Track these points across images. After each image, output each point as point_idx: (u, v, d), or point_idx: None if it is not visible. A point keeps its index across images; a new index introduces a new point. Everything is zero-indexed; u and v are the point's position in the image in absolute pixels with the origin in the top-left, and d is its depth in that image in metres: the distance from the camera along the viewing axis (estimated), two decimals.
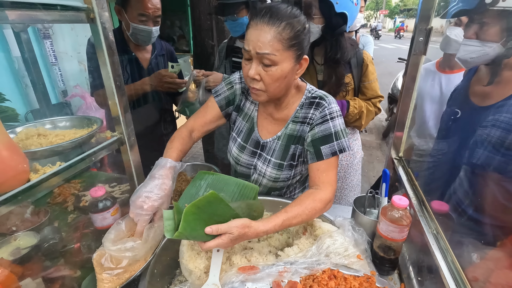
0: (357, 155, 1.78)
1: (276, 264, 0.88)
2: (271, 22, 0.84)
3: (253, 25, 0.87)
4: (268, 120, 1.11)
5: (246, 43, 0.89)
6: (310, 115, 1.02)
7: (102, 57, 0.81)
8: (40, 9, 0.67)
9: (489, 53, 0.95)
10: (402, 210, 0.83)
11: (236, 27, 1.70)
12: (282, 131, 1.07)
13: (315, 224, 1.03)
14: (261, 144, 1.11)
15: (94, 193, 0.91)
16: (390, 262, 0.90)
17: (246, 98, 1.15)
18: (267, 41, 0.84)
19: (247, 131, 1.14)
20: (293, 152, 1.06)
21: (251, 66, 0.89)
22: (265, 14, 0.84)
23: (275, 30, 0.83)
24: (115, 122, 0.90)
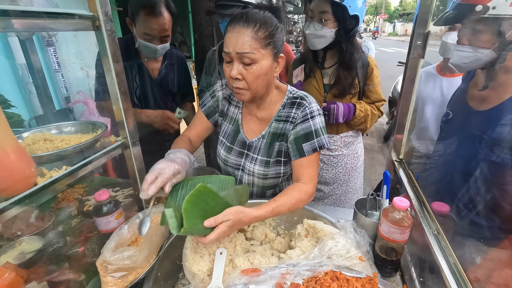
0: (360, 158, 1.79)
1: (278, 267, 0.88)
2: (247, 24, 0.91)
3: (231, 29, 0.93)
4: (252, 121, 1.16)
5: (226, 46, 0.94)
6: (292, 114, 1.08)
7: (107, 63, 0.83)
8: (47, 17, 0.69)
9: (482, 58, 0.97)
10: (403, 212, 0.84)
11: None
12: (266, 130, 1.12)
13: (317, 226, 1.03)
14: (247, 144, 1.16)
15: (98, 197, 0.92)
16: (392, 264, 0.91)
17: (229, 103, 1.21)
18: (245, 41, 0.90)
19: (232, 133, 1.19)
20: (279, 149, 1.12)
21: (233, 67, 0.95)
22: (240, 18, 0.92)
23: (251, 31, 0.90)
24: (119, 127, 0.91)
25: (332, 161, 1.72)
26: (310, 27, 1.46)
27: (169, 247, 0.99)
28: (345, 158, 1.72)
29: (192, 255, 0.90)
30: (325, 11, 1.42)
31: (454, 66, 1.05)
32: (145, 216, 0.85)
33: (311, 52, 1.63)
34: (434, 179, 1.29)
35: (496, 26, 0.92)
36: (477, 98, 1.11)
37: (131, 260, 0.82)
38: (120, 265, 0.81)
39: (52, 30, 1.04)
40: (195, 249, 0.92)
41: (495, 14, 0.90)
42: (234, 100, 1.21)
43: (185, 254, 0.91)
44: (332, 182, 1.78)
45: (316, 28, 1.45)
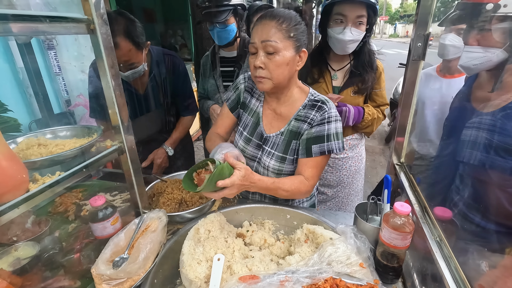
0: (363, 160, 1.81)
1: (277, 273, 0.86)
2: (271, 17, 0.99)
3: (257, 23, 1.02)
4: (272, 116, 1.19)
5: (252, 38, 1.02)
6: (311, 116, 1.11)
7: (102, 67, 0.82)
8: (41, 21, 0.68)
9: (492, 59, 0.95)
10: (405, 217, 0.82)
11: (225, 34, 1.72)
12: (285, 127, 1.15)
13: (316, 231, 1.01)
14: (264, 137, 1.19)
15: (94, 202, 0.90)
16: (393, 270, 0.88)
17: (251, 95, 1.25)
18: (269, 31, 0.98)
19: (253, 125, 1.22)
20: (295, 147, 1.15)
21: (257, 57, 1.01)
22: (266, 14, 1.02)
23: (276, 23, 0.98)
24: (115, 131, 0.90)
25: (337, 164, 1.72)
26: (346, 33, 1.43)
27: (167, 252, 0.97)
28: (349, 161, 1.72)
29: (189, 261, 0.88)
30: (362, 15, 1.42)
31: (463, 69, 1.03)
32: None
33: (321, 55, 1.62)
34: (436, 182, 1.26)
35: (508, 25, 0.90)
36: (482, 100, 1.09)
37: (124, 272, 0.80)
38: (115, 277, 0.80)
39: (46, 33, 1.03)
40: (192, 255, 0.90)
41: (507, 12, 0.88)
42: (256, 93, 1.24)
43: (182, 260, 0.90)
44: (336, 185, 1.77)
45: (353, 34, 1.43)
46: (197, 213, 1.14)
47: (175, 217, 1.10)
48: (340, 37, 1.45)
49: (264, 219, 1.20)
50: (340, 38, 1.45)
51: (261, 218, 1.21)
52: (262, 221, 1.20)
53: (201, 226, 1.00)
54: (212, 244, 0.95)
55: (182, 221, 1.14)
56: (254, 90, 1.24)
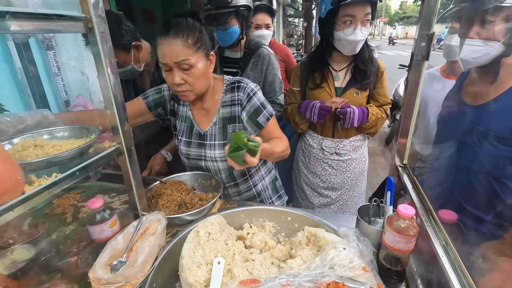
0: (366, 162, 1.80)
1: (278, 277, 0.85)
2: (176, 35, 1.01)
3: (162, 42, 1.03)
4: (201, 113, 1.27)
5: (162, 58, 1.04)
6: (236, 97, 1.20)
7: (101, 66, 0.80)
8: (38, 19, 0.66)
9: (491, 52, 0.96)
10: (409, 220, 0.80)
11: (226, 36, 1.70)
12: (216, 117, 1.24)
13: (318, 234, 1.00)
14: (202, 134, 1.26)
15: (91, 205, 0.89)
16: (397, 274, 0.87)
17: (177, 103, 1.31)
18: (179, 50, 1.01)
19: (187, 129, 1.29)
20: (233, 131, 1.21)
21: (174, 75, 1.05)
22: (167, 31, 1.01)
23: (181, 40, 1.01)
24: (113, 132, 0.88)
25: (341, 166, 1.70)
26: (357, 33, 1.41)
27: (166, 255, 0.95)
28: (353, 163, 1.71)
29: (188, 264, 0.87)
30: (369, 13, 1.42)
31: (462, 62, 1.04)
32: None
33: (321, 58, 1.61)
34: (437, 182, 1.26)
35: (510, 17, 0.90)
36: (472, 94, 1.11)
37: (123, 277, 0.78)
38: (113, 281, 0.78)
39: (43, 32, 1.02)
40: (191, 259, 0.88)
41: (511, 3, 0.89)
42: (181, 100, 1.29)
43: (182, 264, 0.88)
44: (340, 188, 1.76)
45: (364, 33, 1.42)
46: (197, 215, 1.12)
47: (174, 219, 1.08)
48: (352, 38, 1.42)
49: (265, 221, 1.19)
50: (351, 39, 1.43)
51: (261, 220, 1.19)
52: (262, 223, 1.18)
53: (201, 228, 0.98)
54: (212, 247, 0.94)
55: (181, 223, 1.12)
56: (179, 97, 1.28)
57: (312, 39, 10.03)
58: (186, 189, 1.25)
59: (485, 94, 1.05)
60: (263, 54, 1.77)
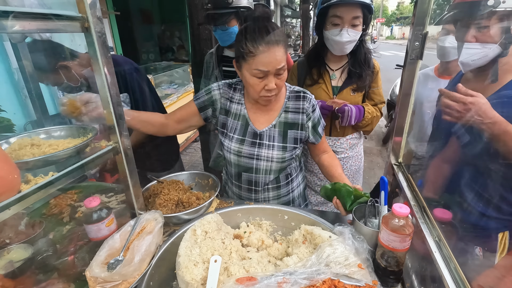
0: (362, 160, 1.84)
1: (275, 275, 0.85)
2: (277, 42, 1.03)
3: (265, 50, 1.02)
4: (259, 113, 1.26)
5: (263, 66, 1.03)
6: (301, 106, 1.24)
7: (97, 66, 0.81)
8: (34, 18, 0.66)
9: (488, 54, 0.98)
10: (403, 219, 0.81)
11: (226, 36, 1.71)
12: (276, 120, 1.25)
13: (314, 232, 1.00)
14: (258, 133, 1.25)
15: (88, 204, 0.89)
16: (394, 274, 0.87)
17: (230, 101, 1.29)
18: (281, 57, 1.04)
19: (241, 127, 1.27)
20: (294, 137, 1.25)
21: (269, 80, 1.07)
22: (270, 39, 1.02)
23: (282, 47, 1.04)
24: (110, 131, 0.89)
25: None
26: (343, 34, 1.45)
27: (163, 254, 0.96)
28: (350, 160, 1.74)
29: (185, 263, 0.87)
30: (357, 16, 1.44)
31: (462, 65, 1.06)
32: None
33: (318, 56, 1.63)
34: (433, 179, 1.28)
35: (504, 20, 0.92)
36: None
37: (119, 275, 0.79)
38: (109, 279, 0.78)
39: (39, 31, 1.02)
40: (188, 257, 0.89)
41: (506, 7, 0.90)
42: (235, 98, 1.29)
43: (178, 262, 0.88)
44: None
45: (350, 35, 1.45)
46: (194, 214, 1.12)
47: (171, 218, 1.09)
48: (338, 38, 1.46)
49: (262, 220, 1.19)
50: (337, 40, 1.46)
51: (258, 219, 1.19)
52: (259, 222, 1.19)
53: (198, 227, 0.98)
54: (209, 245, 0.94)
55: (179, 222, 1.12)
56: (232, 95, 1.29)
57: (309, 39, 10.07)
58: (183, 188, 1.25)
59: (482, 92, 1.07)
60: None
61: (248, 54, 1.04)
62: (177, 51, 7.29)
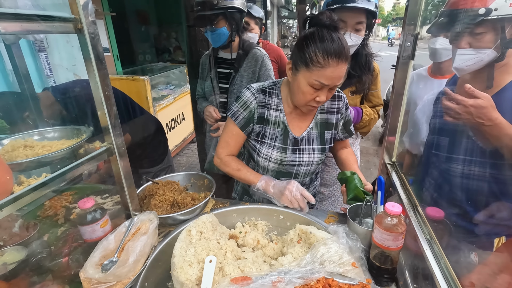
0: (357, 159, 1.82)
1: (269, 274, 0.85)
2: (346, 59, 0.99)
3: (334, 64, 0.98)
4: (297, 118, 1.24)
5: (326, 80, 1.00)
6: (336, 105, 1.25)
7: (91, 67, 0.81)
8: (27, 20, 0.67)
9: (484, 59, 0.98)
10: (396, 217, 0.82)
11: (216, 37, 1.71)
12: (313, 123, 1.24)
13: (309, 231, 1.01)
14: (298, 140, 1.24)
15: (82, 205, 0.89)
16: (388, 273, 0.88)
17: (267, 109, 1.22)
18: (343, 74, 1.02)
19: (282, 134, 1.23)
20: (330, 137, 1.28)
21: (323, 93, 1.05)
22: (341, 53, 0.98)
23: (347, 64, 1.02)
24: (104, 132, 0.89)
25: (334, 163, 1.75)
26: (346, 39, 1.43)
27: (158, 255, 0.96)
28: None
29: (180, 263, 0.87)
30: (361, 22, 1.45)
31: (457, 70, 1.07)
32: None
33: None
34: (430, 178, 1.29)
35: (498, 26, 0.93)
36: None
37: (114, 276, 0.79)
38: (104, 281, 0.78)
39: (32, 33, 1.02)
40: (183, 257, 0.89)
41: (498, 15, 0.91)
42: (273, 104, 1.22)
43: (173, 262, 0.88)
44: (332, 184, 1.80)
45: (353, 39, 1.46)
46: (189, 214, 1.12)
47: (167, 219, 1.09)
48: None
49: (257, 220, 1.20)
50: None
51: (254, 219, 1.20)
52: (255, 222, 1.19)
53: (193, 227, 0.98)
54: (204, 245, 0.94)
55: (174, 223, 1.13)
56: (268, 102, 1.21)
57: None
58: (178, 189, 1.25)
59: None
60: (257, 56, 1.79)
61: (314, 63, 0.99)
62: (173, 52, 7.28)
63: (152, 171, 2.01)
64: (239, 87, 1.81)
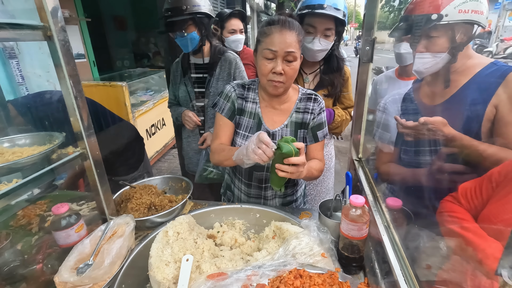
0: (333, 159, 1.91)
1: (244, 269, 0.89)
2: (291, 28, 1.09)
3: (277, 31, 1.09)
4: (272, 112, 1.29)
5: (272, 45, 1.09)
6: (311, 106, 1.27)
7: (62, 73, 0.82)
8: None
9: (439, 62, 1.08)
10: (360, 209, 0.88)
11: (186, 42, 1.75)
12: (288, 120, 1.28)
13: (283, 227, 1.06)
14: (271, 133, 1.27)
15: (56, 210, 0.89)
16: (355, 261, 0.94)
17: (244, 101, 1.31)
18: (292, 41, 1.08)
19: (255, 125, 1.29)
20: (303, 136, 1.30)
21: (277, 63, 1.10)
22: (285, 23, 1.09)
23: (295, 33, 1.09)
24: (77, 137, 0.90)
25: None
26: (315, 43, 1.55)
27: (136, 257, 0.97)
28: None
29: (157, 263, 0.89)
30: (330, 28, 1.54)
31: (417, 73, 1.16)
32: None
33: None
34: (395, 172, 1.38)
35: (449, 31, 1.03)
36: (429, 95, 1.22)
37: (89, 278, 0.80)
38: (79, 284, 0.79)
39: (0, 40, 1.01)
40: (160, 257, 0.91)
41: (448, 20, 1.00)
42: (250, 97, 1.31)
43: (150, 263, 0.90)
44: (308, 183, 1.84)
45: (322, 44, 1.55)
46: (167, 216, 1.14)
47: (144, 222, 1.10)
48: (310, 46, 1.56)
49: (235, 220, 1.23)
50: (309, 47, 1.57)
51: (231, 218, 1.23)
52: (232, 221, 1.23)
53: (170, 228, 1.01)
54: (181, 245, 0.97)
55: (152, 226, 1.14)
56: (246, 95, 1.31)
57: None
58: (156, 192, 1.27)
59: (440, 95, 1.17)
60: (230, 59, 1.84)
61: (262, 36, 1.12)
62: (153, 57, 7.21)
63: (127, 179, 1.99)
64: (215, 90, 1.85)
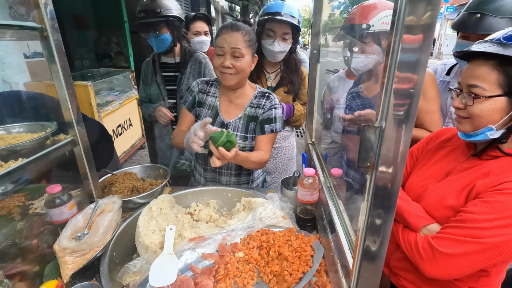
0: (294, 150, 2.16)
1: (220, 233, 1.08)
2: (237, 29, 1.30)
3: (225, 32, 1.30)
4: (228, 105, 1.46)
5: (221, 43, 1.29)
6: (263, 103, 1.44)
7: (55, 68, 0.94)
8: None
9: (370, 62, 1.35)
10: (311, 177, 1.11)
11: (159, 43, 1.90)
12: (242, 113, 1.44)
13: (251, 200, 1.26)
14: (225, 124, 1.44)
15: (50, 190, 1.00)
16: (310, 221, 1.17)
17: (206, 95, 1.49)
18: (237, 40, 1.28)
19: (212, 116, 1.46)
20: (253, 128, 1.45)
21: (225, 58, 1.29)
22: (233, 26, 1.31)
23: (241, 34, 1.29)
24: (68, 126, 1.02)
25: (274, 152, 2.04)
26: (275, 45, 1.80)
27: (122, 233, 1.10)
28: (283, 150, 2.06)
29: (144, 231, 1.04)
30: (287, 32, 1.80)
31: (354, 70, 1.43)
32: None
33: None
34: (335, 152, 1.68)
35: (376, 38, 1.31)
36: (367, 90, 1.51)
37: (86, 244, 0.93)
38: (78, 249, 0.91)
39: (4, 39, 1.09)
40: (147, 227, 1.06)
41: (374, 29, 1.28)
42: (211, 92, 1.49)
43: (138, 232, 1.05)
44: (273, 172, 2.07)
45: (281, 46, 1.81)
46: (149, 197, 1.28)
47: (127, 203, 1.23)
48: (270, 48, 1.81)
49: (209, 200, 1.40)
50: (270, 49, 1.82)
51: (206, 199, 1.40)
52: (207, 201, 1.40)
53: (153, 205, 1.15)
54: (164, 218, 1.12)
55: (135, 207, 1.27)
56: (208, 90, 1.50)
57: None
58: (136, 178, 1.40)
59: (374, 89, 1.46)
60: (200, 58, 2.01)
61: (216, 38, 1.32)
62: (115, 57, 7.01)
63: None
64: (186, 87, 2.00)
